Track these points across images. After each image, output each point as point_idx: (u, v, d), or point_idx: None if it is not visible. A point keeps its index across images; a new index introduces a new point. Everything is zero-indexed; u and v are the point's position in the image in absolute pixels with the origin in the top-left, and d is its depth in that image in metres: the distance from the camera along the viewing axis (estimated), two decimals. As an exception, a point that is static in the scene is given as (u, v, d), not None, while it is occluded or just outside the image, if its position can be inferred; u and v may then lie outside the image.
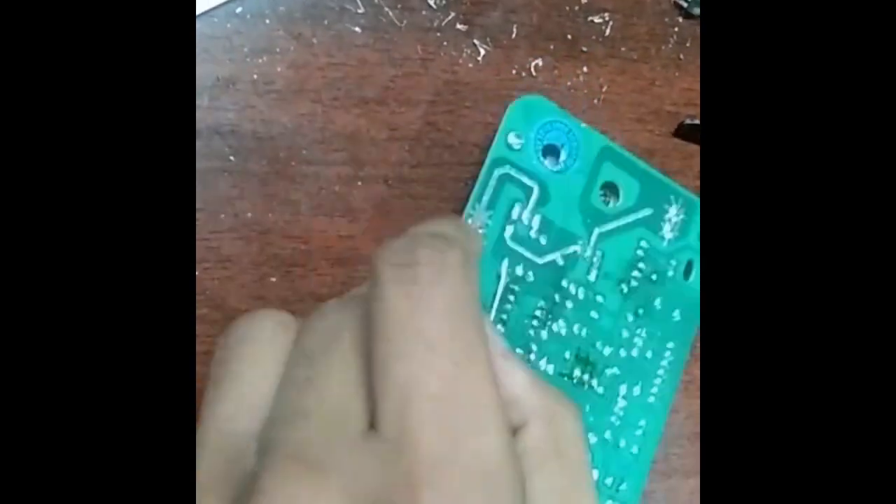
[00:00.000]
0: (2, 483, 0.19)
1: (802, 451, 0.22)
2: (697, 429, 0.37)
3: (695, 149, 0.38)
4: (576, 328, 0.33)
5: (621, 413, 0.33)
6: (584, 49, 0.37)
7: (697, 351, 0.37)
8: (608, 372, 0.33)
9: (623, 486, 0.33)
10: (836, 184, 0.22)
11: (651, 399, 0.34)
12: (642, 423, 0.34)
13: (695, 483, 0.37)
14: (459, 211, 0.32)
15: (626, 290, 0.34)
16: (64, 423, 0.19)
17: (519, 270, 0.32)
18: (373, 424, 0.20)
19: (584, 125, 0.34)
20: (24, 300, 0.19)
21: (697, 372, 0.37)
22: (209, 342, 0.31)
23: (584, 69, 0.36)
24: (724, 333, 0.23)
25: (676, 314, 0.35)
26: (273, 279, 0.32)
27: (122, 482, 0.19)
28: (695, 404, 0.37)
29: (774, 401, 0.22)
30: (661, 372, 0.34)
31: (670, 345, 0.35)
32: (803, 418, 0.22)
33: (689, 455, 0.37)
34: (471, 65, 0.35)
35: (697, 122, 0.37)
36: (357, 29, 0.34)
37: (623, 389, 0.33)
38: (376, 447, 0.19)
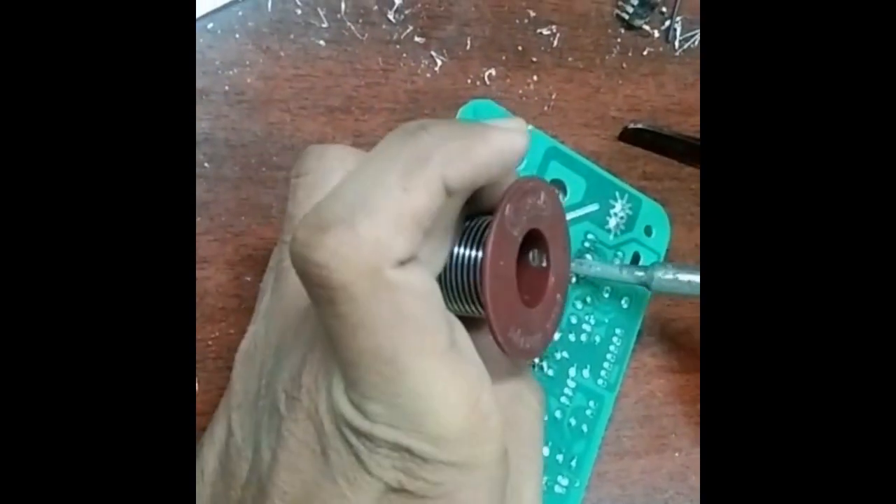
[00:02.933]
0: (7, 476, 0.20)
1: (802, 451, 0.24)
2: (647, 412, 0.39)
3: (638, 151, 0.40)
4: (527, 314, 0.35)
5: (571, 394, 0.36)
6: (534, 59, 0.39)
7: (645, 339, 0.39)
8: (557, 355, 0.36)
9: (573, 462, 0.36)
10: (829, 187, 0.24)
11: (600, 381, 0.37)
12: (591, 404, 0.36)
13: (645, 463, 0.39)
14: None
15: (574, 279, 0.36)
16: (66, 414, 0.21)
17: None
18: None
19: (530, 126, 0.36)
20: (33, 297, 0.21)
21: (646, 359, 0.40)
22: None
23: (535, 78, 0.39)
24: (724, 336, 0.25)
25: (624, 302, 0.38)
26: (248, 278, 0.34)
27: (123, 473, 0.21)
28: (644, 389, 0.39)
29: (772, 401, 0.24)
30: (609, 357, 0.37)
31: (618, 331, 0.37)
32: (803, 421, 0.24)
33: (639, 437, 0.39)
34: (428, 75, 0.38)
35: (640, 126, 0.40)
36: (322, 42, 0.36)
37: (572, 372, 0.36)
38: None
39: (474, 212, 0.27)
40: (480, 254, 0.26)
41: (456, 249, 0.26)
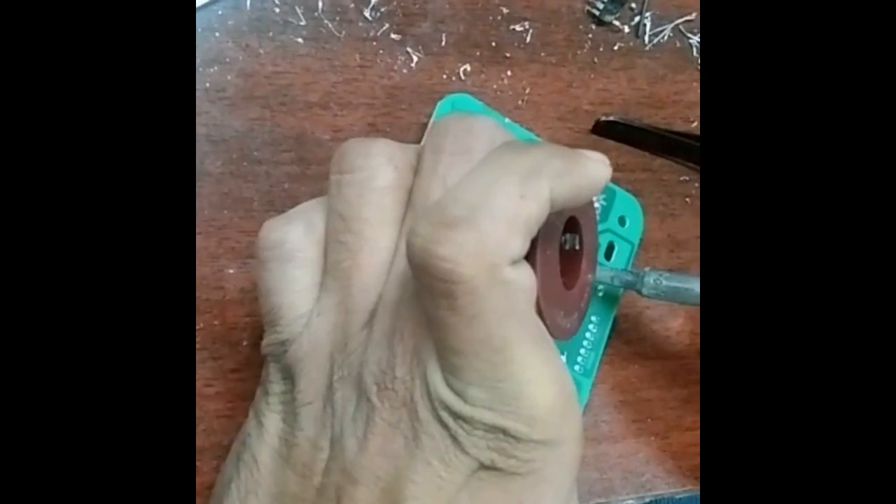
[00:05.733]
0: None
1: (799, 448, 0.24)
2: (622, 398, 0.40)
3: (611, 144, 0.41)
4: (505, 301, 0.36)
5: (549, 379, 0.37)
6: (508, 55, 0.40)
7: (620, 326, 0.40)
8: (536, 341, 0.36)
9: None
10: (827, 187, 0.25)
11: (577, 368, 0.37)
12: (569, 388, 0.37)
13: (622, 447, 0.40)
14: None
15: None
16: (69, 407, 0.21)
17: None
18: None
19: (507, 119, 0.37)
20: (33, 292, 0.21)
21: (621, 346, 0.40)
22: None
23: (509, 73, 0.40)
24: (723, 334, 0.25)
25: (600, 291, 0.38)
26: (231, 270, 0.35)
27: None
28: (619, 375, 0.40)
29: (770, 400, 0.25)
30: (585, 343, 0.38)
31: (594, 319, 0.38)
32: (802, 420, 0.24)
33: (616, 422, 0.40)
34: (405, 71, 0.38)
35: (612, 119, 0.41)
36: (300, 40, 0.37)
37: (550, 357, 0.37)
38: None
39: None
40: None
41: None
